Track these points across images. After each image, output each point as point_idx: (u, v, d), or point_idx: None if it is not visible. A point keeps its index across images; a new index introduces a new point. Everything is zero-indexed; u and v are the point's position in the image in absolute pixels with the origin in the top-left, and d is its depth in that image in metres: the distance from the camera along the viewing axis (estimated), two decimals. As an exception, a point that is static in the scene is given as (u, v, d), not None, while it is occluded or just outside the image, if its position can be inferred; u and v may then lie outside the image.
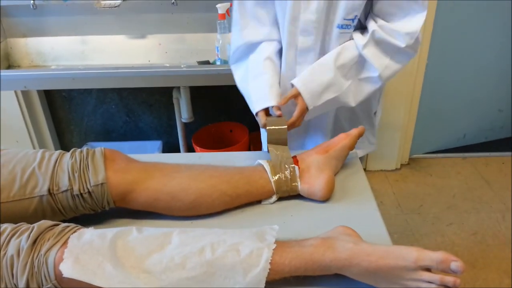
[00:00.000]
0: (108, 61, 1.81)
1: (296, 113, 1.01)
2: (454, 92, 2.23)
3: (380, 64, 1.02)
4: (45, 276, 0.60)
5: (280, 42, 1.08)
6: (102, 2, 1.72)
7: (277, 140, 0.94)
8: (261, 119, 1.00)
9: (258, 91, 1.03)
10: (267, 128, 0.95)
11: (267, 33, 1.07)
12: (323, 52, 1.05)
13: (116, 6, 1.71)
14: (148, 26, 1.81)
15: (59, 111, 2.17)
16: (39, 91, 2.04)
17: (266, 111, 1.01)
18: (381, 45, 1.01)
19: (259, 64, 1.06)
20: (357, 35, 1.03)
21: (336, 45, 1.04)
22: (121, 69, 1.60)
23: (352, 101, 1.07)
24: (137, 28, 1.81)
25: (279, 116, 0.98)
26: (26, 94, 2.01)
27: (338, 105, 1.08)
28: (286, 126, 0.95)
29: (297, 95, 1.01)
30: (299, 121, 1.02)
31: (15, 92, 1.96)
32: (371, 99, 1.18)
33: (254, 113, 1.03)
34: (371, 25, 1.00)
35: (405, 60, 1.04)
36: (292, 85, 1.03)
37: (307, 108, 1.02)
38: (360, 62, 1.04)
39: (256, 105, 1.02)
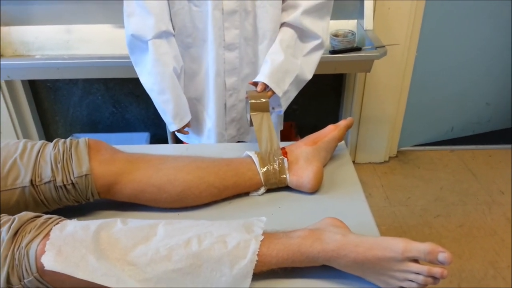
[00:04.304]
0: (94, 51, 1.77)
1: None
2: (443, 85, 2.25)
3: (320, 30, 1.10)
4: (26, 269, 0.58)
5: (167, 32, 1.06)
6: (88, -10, 1.69)
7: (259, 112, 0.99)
8: (182, 133, 1.19)
9: (175, 109, 1.12)
10: (250, 101, 0.98)
11: (153, 24, 1.03)
12: (249, 13, 1.08)
13: (102, -5, 1.67)
14: (135, 16, 1.77)
15: (44, 102, 2.13)
16: (23, 82, 2.00)
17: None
18: (314, 12, 1.08)
19: (166, 78, 1.08)
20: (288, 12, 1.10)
21: (265, 5, 1.06)
22: (107, 59, 1.57)
23: (309, 74, 1.14)
24: (124, 18, 1.77)
25: (261, 90, 1.04)
26: (10, 84, 1.97)
27: (300, 84, 1.15)
28: (268, 99, 1.00)
29: (263, 89, 1.05)
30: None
31: (-1, 82, 1.92)
32: None
33: (173, 129, 1.15)
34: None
35: (329, 13, 1.13)
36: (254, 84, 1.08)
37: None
38: (300, 36, 1.11)
39: (178, 123, 1.14)
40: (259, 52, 1.13)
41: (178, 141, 1.39)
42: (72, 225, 0.62)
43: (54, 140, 0.79)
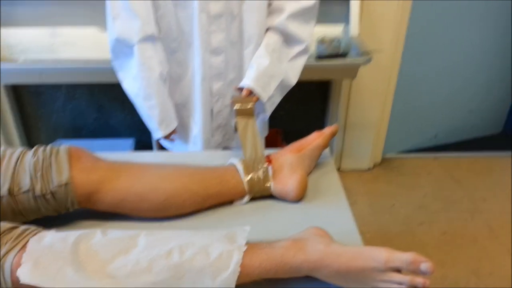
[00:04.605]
0: (80, 54, 1.75)
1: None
2: (427, 91, 2.28)
3: (305, 34, 1.11)
4: (0, 282, 0.56)
5: (152, 35, 1.05)
6: (73, -7, 1.67)
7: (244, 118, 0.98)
8: (167, 141, 1.18)
9: (161, 114, 1.11)
10: (234, 107, 0.98)
11: (139, 27, 1.02)
12: (235, 17, 1.08)
13: (87, -2, 1.65)
14: (120, 21, 1.75)
15: (27, 107, 2.10)
16: (6, 86, 1.97)
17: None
18: (299, 16, 1.09)
19: (152, 83, 1.07)
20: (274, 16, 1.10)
21: (251, 9, 1.06)
22: (92, 63, 1.55)
23: (293, 79, 1.15)
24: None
25: (247, 95, 1.04)
26: (-9, 88, 1.93)
27: (285, 89, 1.16)
28: (253, 105, 0.99)
29: (249, 94, 1.05)
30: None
31: (-20, 86, 1.88)
32: None
33: (159, 136, 1.14)
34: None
35: (315, 17, 1.13)
36: (238, 89, 1.07)
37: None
38: (286, 41, 1.12)
39: (164, 130, 1.13)
40: (245, 56, 1.13)
41: (163, 147, 1.38)
42: (50, 237, 0.61)
43: (34, 148, 0.77)
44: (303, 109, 2.21)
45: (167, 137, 1.16)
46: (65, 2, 1.71)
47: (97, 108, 2.11)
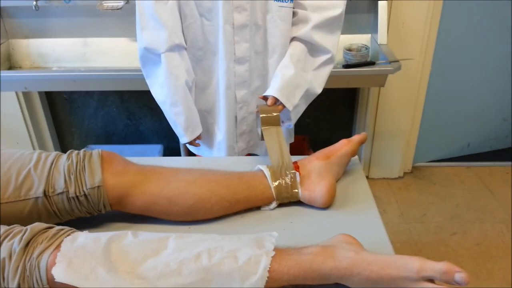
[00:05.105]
0: (110, 63, 1.80)
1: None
2: (458, 100, 2.22)
3: (330, 44, 1.10)
4: (37, 280, 0.58)
5: (179, 45, 1.08)
6: (105, 4, 1.72)
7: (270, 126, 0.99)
8: (193, 145, 1.20)
9: (186, 121, 1.13)
10: (260, 116, 0.98)
11: (166, 37, 1.05)
12: (260, 27, 1.08)
13: (118, 8, 1.70)
14: (151, 29, 1.80)
15: (60, 113, 2.17)
16: (40, 93, 2.04)
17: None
18: (325, 26, 1.08)
19: (178, 91, 1.09)
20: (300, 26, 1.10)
21: (276, 20, 1.07)
22: (122, 71, 1.59)
23: (318, 88, 1.14)
24: (140, 31, 1.80)
25: (272, 104, 1.04)
26: (27, 95, 2.01)
27: (310, 98, 1.15)
28: (278, 113, 1.00)
29: (274, 103, 1.05)
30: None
31: (16, 93, 1.96)
32: None
33: (185, 142, 1.17)
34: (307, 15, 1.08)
35: (340, 27, 1.12)
36: (264, 98, 1.08)
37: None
38: (310, 51, 1.11)
39: (189, 136, 1.15)
40: (269, 65, 1.14)
41: (190, 153, 1.40)
42: (83, 237, 0.62)
43: (68, 151, 0.79)
44: (330, 117, 2.20)
45: (192, 142, 1.18)
46: (97, 14, 1.77)
47: (128, 115, 2.16)
